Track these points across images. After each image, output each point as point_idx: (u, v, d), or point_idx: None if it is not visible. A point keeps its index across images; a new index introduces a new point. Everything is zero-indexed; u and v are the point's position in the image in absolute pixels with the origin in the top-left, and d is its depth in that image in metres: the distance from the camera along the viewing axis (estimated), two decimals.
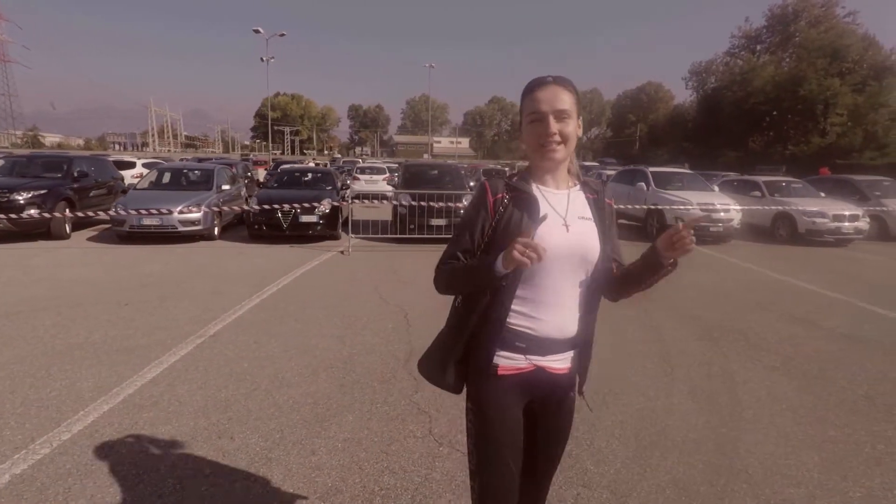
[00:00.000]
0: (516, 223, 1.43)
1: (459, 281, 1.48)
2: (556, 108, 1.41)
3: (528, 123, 1.46)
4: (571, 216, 1.49)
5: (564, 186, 1.54)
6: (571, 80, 1.48)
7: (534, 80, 1.48)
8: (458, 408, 3.49)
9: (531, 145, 1.47)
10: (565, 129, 1.43)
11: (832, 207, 11.85)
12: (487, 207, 1.47)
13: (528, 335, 1.47)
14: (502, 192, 1.49)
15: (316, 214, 10.16)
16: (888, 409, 3.63)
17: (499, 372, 1.48)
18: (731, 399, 3.75)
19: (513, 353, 1.48)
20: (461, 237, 1.51)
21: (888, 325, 5.67)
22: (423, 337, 4.87)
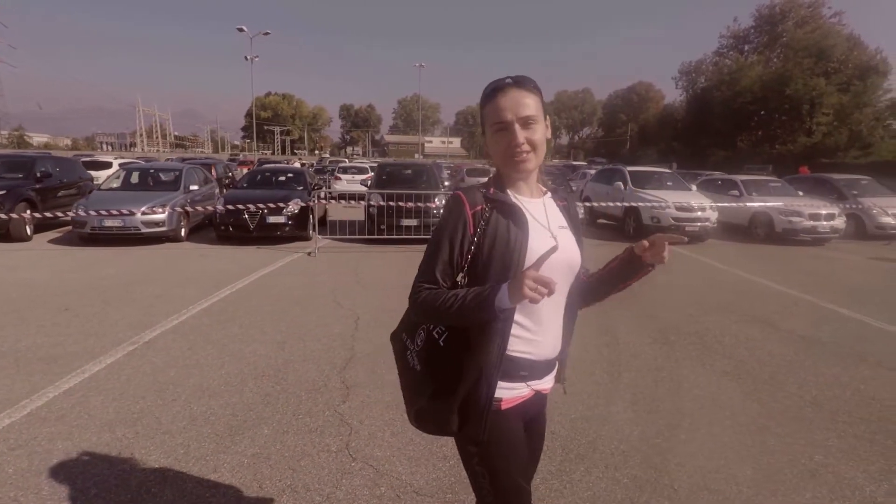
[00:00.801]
0: (503, 235, 1.32)
1: (452, 315, 1.29)
2: (520, 114, 1.31)
3: (493, 133, 1.35)
4: (553, 226, 1.42)
5: (538, 194, 1.47)
6: (533, 80, 1.37)
7: (492, 85, 1.37)
8: (382, 419, 3.33)
9: (499, 156, 1.37)
10: (533, 137, 1.33)
11: (808, 207, 11.77)
12: (466, 222, 1.33)
13: (529, 361, 1.38)
14: (481, 203, 1.35)
15: (284, 215, 9.96)
16: (833, 416, 3.49)
17: (503, 406, 1.37)
18: (673, 407, 3.60)
19: (515, 383, 1.38)
20: (438, 256, 1.34)
21: (848, 327, 5.55)
22: (367, 342, 4.72)
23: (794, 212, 11.66)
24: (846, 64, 38.70)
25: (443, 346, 1.37)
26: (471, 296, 1.26)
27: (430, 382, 1.39)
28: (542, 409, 1.53)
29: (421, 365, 1.41)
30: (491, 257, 1.31)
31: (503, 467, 1.37)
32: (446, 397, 1.35)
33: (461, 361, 1.33)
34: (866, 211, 12.52)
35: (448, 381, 1.35)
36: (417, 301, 1.34)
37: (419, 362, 1.42)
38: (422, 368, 1.41)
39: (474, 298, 1.25)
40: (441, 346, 1.37)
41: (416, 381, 1.43)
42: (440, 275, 1.34)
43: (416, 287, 1.36)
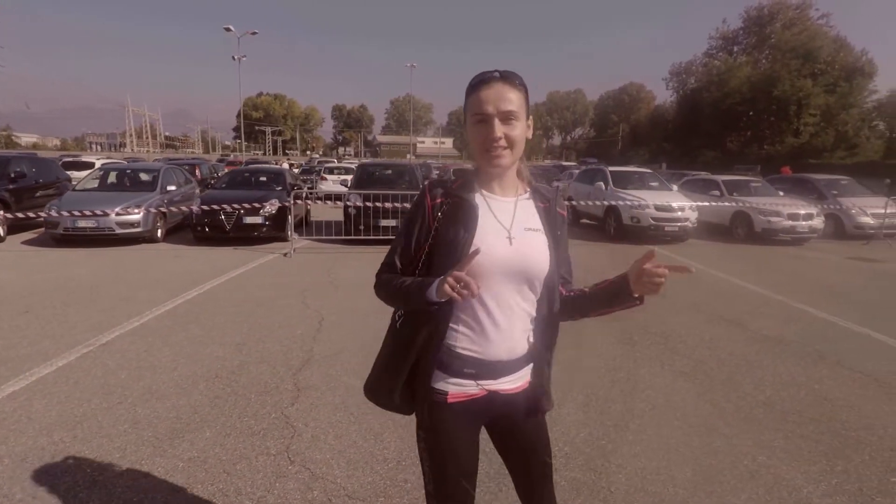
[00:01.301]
0: (453, 232, 1.34)
1: (396, 299, 1.41)
2: (501, 109, 1.30)
3: (473, 124, 1.34)
4: (517, 228, 1.38)
5: (512, 193, 1.43)
6: (520, 76, 1.36)
7: (478, 76, 1.36)
8: (328, 421, 3.30)
9: (475, 148, 1.36)
10: (511, 133, 1.32)
11: (788, 206, 11.83)
12: (425, 212, 1.38)
13: (477, 360, 1.37)
14: (441, 196, 1.39)
15: (261, 216, 9.89)
16: (784, 416, 3.49)
17: (448, 399, 1.39)
18: (624, 408, 3.59)
19: (462, 380, 1.39)
20: (398, 243, 1.43)
21: (815, 327, 5.57)
22: (328, 344, 4.68)
23: (773, 212, 11.72)
24: (832, 65, 39.08)
25: (398, 329, 1.46)
26: (413, 285, 1.33)
27: (382, 359, 1.50)
28: (514, 406, 1.46)
29: (385, 341, 1.52)
30: (441, 250, 1.35)
31: (441, 457, 1.41)
32: (391, 374, 1.45)
33: (405, 344, 1.41)
34: (845, 211, 12.60)
35: (395, 359, 1.44)
36: (377, 283, 1.44)
37: (386, 339, 1.52)
38: (384, 344, 1.52)
39: (414, 288, 1.32)
40: (397, 327, 1.46)
41: (379, 356, 1.53)
42: (399, 260, 1.41)
43: (379, 270, 1.46)
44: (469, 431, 1.44)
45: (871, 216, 12.29)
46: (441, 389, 1.38)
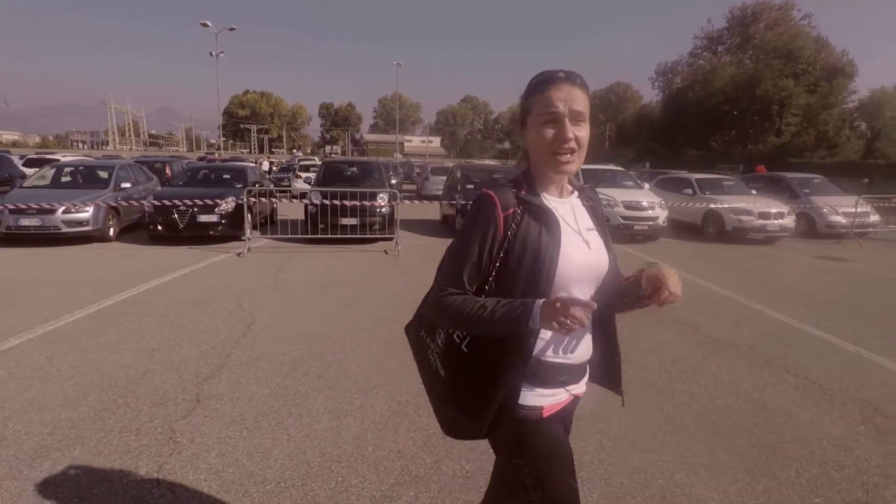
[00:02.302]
0: (534, 241, 1.26)
1: (480, 327, 1.24)
2: (572, 108, 1.25)
3: (541, 125, 1.26)
4: (583, 230, 1.36)
5: (566, 194, 1.40)
6: (582, 76, 1.29)
7: (545, 75, 1.29)
8: (216, 437, 3.01)
9: (541, 151, 1.28)
10: (580, 135, 1.26)
11: (759, 205, 11.70)
12: (497, 224, 1.27)
13: (566, 366, 1.34)
14: (514, 205, 1.28)
15: (216, 214, 9.55)
16: (714, 428, 3.26)
17: (544, 414, 1.32)
18: None
19: (555, 389, 1.34)
20: (466, 259, 1.28)
21: (769, 329, 5.37)
22: (248, 349, 4.39)
23: (743, 210, 11.58)
24: (814, 65, 39.31)
25: (466, 353, 1.32)
26: (501, 311, 1.20)
27: (459, 391, 1.34)
28: (572, 414, 1.50)
29: (446, 371, 1.37)
30: (521, 263, 1.26)
31: (554, 476, 1.32)
32: (480, 409, 1.30)
33: (491, 370, 1.27)
34: (817, 210, 12.51)
35: (478, 390, 1.29)
36: (442, 306, 1.28)
37: (443, 367, 1.37)
38: (447, 375, 1.36)
39: (505, 315, 1.19)
40: (465, 351, 1.32)
41: (443, 389, 1.39)
42: (467, 279, 1.28)
43: (442, 289, 1.30)
44: (563, 437, 1.39)
45: (842, 215, 12.19)
46: (534, 406, 1.31)
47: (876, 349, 4.77)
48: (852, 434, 3.23)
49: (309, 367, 4.06)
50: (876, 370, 4.31)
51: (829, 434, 3.21)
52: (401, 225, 13.26)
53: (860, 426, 3.33)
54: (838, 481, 2.73)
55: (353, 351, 4.44)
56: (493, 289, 1.29)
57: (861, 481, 2.74)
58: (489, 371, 1.28)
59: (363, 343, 4.64)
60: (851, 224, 11.95)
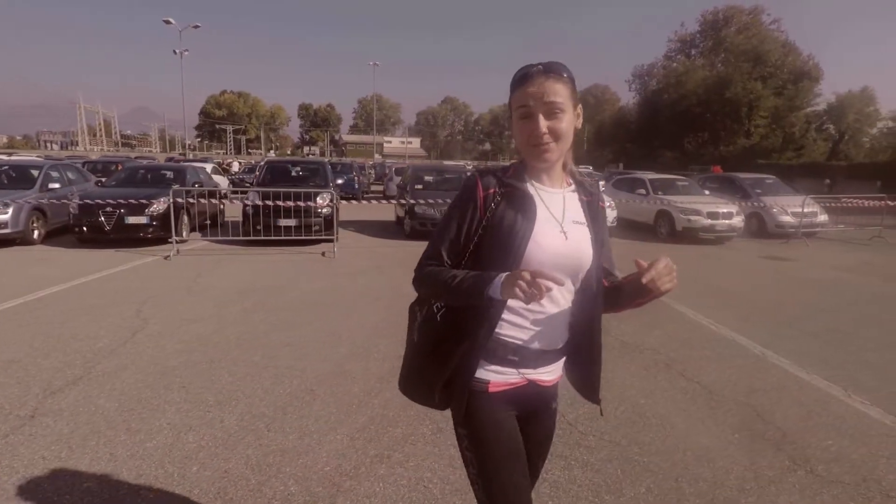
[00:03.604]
0: (509, 223, 1.30)
1: (445, 293, 1.32)
2: (546, 100, 1.27)
3: (517, 119, 1.32)
4: (567, 221, 1.37)
5: (560, 185, 1.42)
6: (566, 66, 1.31)
7: (521, 71, 1.32)
8: (31, 458, 2.73)
9: (521, 143, 1.34)
10: (557, 126, 1.29)
11: (708, 205, 11.69)
12: (477, 203, 1.33)
13: (520, 348, 1.35)
14: (494, 187, 1.35)
15: (147, 215, 9.19)
16: (580, 440, 3.07)
17: (489, 389, 1.35)
18: (399, 435, 3.13)
19: (504, 367, 1.35)
20: (446, 234, 1.36)
21: (683, 331, 5.25)
22: (120, 359, 4.11)
23: (693, 210, 11.56)
24: (781, 69, 39.95)
25: (439, 322, 1.38)
26: (468, 280, 1.26)
27: (421, 354, 1.42)
28: (547, 404, 1.48)
29: (418, 336, 1.44)
30: (494, 242, 1.30)
31: (487, 449, 1.33)
32: (434, 371, 1.37)
33: (452, 339, 1.33)
34: (767, 210, 12.55)
35: (438, 356, 1.36)
36: (420, 276, 1.36)
37: (418, 334, 1.45)
38: (418, 339, 1.44)
39: (471, 283, 1.25)
40: (438, 321, 1.38)
41: (411, 351, 1.47)
42: (446, 253, 1.35)
43: (422, 262, 1.37)
44: (511, 419, 1.39)
45: (791, 215, 12.25)
46: (482, 378, 1.34)
47: (784, 351, 4.66)
48: (723, 443, 3.07)
49: (175, 378, 3.80)
50: (775, 373, 4.19)
51: (697, 444, 3.06)
52: (354, 226, 13.07)
53: (735, 434, 3.18)
54: (688, 496, 2.57)
55: (233, 360, 4.19)
56: (468, 264, 1.34)
57: (712, 496, 2.57)
58: (452, 339, 1.33)
59: (249, 350, 4.39)
60: (799, 224, 12.00)
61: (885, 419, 3.41)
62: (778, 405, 3.59)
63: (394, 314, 5.33)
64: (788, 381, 4.03)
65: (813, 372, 4.20)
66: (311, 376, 3.90)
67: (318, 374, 3.95)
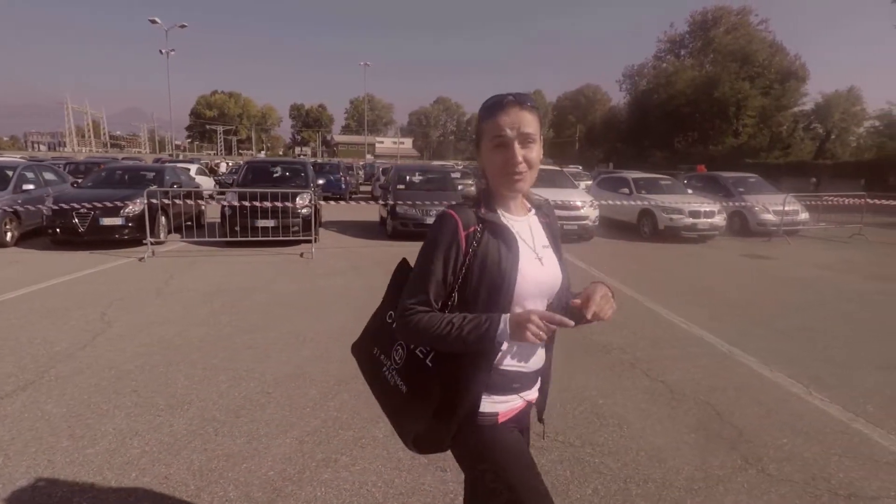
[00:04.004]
0: (493, 258, 1.30)
1: (447, 345, 1.27)
2: (521, 132, 1.30)
3: (492, 149, 1.33)
4: (538, 247, 1.40)
5: (523, 212, 1.45)
6: (532, 98, 1.35)
7: (494, 100, 1.35)
8: None
9: (494, 172, 1.35)
10: (530, 156, 1.32)
11: (690, 204, 11.71)
12: (459, 243, 1.31)
13: (520, 373, 1.39)
14: (474, 224, 1.33)
15: (122, 216, 9.08)
16: (532, 442, 3.02)
17: (499, 420, 1.37)
18: (346, 441, 3.08)
19: (509, 396, 1.38)
20: (431, 276, 1.31)
21: (653, 329, 5.22)
22: (76, 363, 4.05)
23: (675, 209, 11.57)
24: (769, 69, 40.21)
25: (430, 366, 1.34)
26: (468, 326, 1.24)
27: (423, 405, 1.34)
28: (528, 419, 1.53)
29: (407, 386, 1.38)
30: (482, 280, 1.30)
31: (521, 476, 1.34)
32: (446, 420, 1.31)
33: (455, 383, 1.30)
34: (749, 208, 12.60)
35: (444, 402, 1.31)
36: (409, 323, 1.30)
37: (404, 382, 1.38)
38: (409, 390, 1.37)
39: (473, 330, 1.23)
40: (428, 365, 1.34)
41: (406, 404, 1.39)
42: (433, 296, 1.31)
43: (408, 308, 1.31)
44: (521, 440, 1.42)
45: (773, 213, 12.30)
46: (490, 412, 1.34)
47: (751, 349, 4.65)
48: (677, 443, 3.04)
49: (129, 382, 3.73)
50: (740, 372, 4.17)
51: (651, 444, 3.02)
52: (338, 227, 13.00)
53: (690, 434, 3.16)
54: (634, 497, 2.53)
55: (192, 363, 4.12)
56: (455, 304, 1.33)
57: (658, 497, 2.54)
58: (454, 383, 1.30)
59: (209, 353, 4.32)
60: (781, 222, 12.05)
61: (843, 416, 3.40)
62: (737, 404, 3.57)
63: (364, 316, 5.19)
64: (752, 380, 4.01)
65: (777, 370, 4.19)
66: (270, 379, 3.84)
67: (276, 376, 3.89)
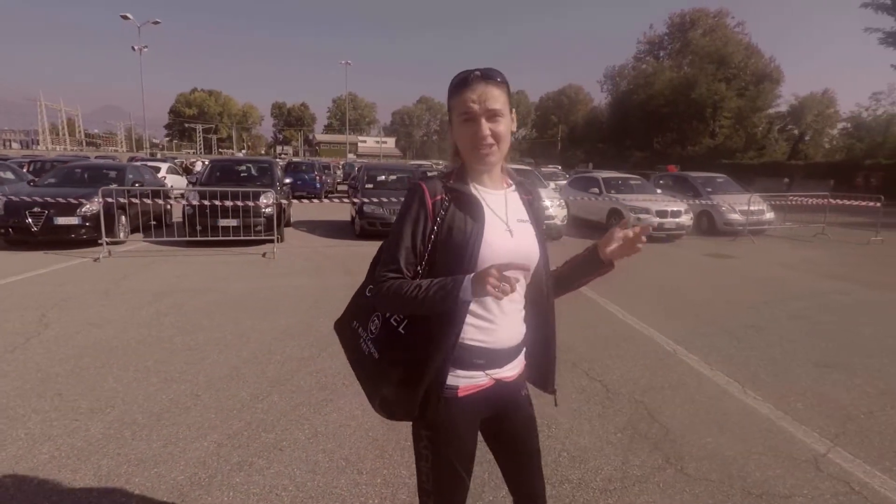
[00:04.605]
0: (459, 227, 1.33)
1: (416, 306, 1.30)
2: (487, 107, 1.32)
3: (460, 124, 1.36)
4: (512, 220, 1.42)
5: (501, 186, 1.47)
6: (501, 72, 1.37)
7: (460, 77, 1.37)
8: None
9: (464, 146, 1.39)
10: (498, 129, 1.34)
11: (657, 204, 11.81)
12: (427, 211, 1.35)
13: (485, 349, 1.39)
14: (441, 193, 1.37)
15: (78, 215, 8.86)
16: None
17: (459, 394, 1.38)
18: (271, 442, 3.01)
19: (471, 371, 1.39)
20: (401, 244, 1.35)
21: (601, 330, 5.24)
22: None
23: (642, 209, 11.66)
24: (744, 70, 40.85)
25: (403, 334, 1.37)
26: (434, 287, 1.27)
27: (393, 370, 1.38)
28: (515, 395, 1.51)
29: (379, 352, 1.41)
30: (448, 247, 1.33)
31: (446, 453, 1.40)
32: (413, 384, 1.34)
33: (424, 348, 1.33)
34: (716, 208, 12.75)
35: (412, 368, 1.34)
36: (381, 290, 1.34)
37: (377, 349, 1.42)
38: (381, 356, 1.41)
39: (439, 290, 1.26)
40: (401, 333, 1.37)
41: (377, 369, 1.42)
42: (404, 264, 1.34)
43: (380, 276, 1.35)
44: (474, 424, 1.45)
45: (739, 213, 12.46)
46: (451, 385, 1.36)
47: (695, 348, 4.69)
48: (602, 443, 3.03)
49: (53, 385, 3.62)
50: (679, 370, 4.20)
51: (576, 445, 3.01)
52: (308, 226, 12.88)
53: (617, 434, 3.15)
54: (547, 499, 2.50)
55: (124, 365, 4.01)
56: (425, 272, 1.35)
57: (572, 498, 2.53)
58: (422, 349, 1.32)
59: (144, 355, 4.22)
60: (747, 222, 12.21)
61: (772, 414, 3.43)
62: (671, 403, 3.58)
63: (311, 316, 5.19)
64: (689, 378, 4.03)
65: (717, 368, 4.22)
66: (202, 381, 3.76)
67: (209, 378, 3.80)
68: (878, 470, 2.80)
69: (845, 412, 3.48)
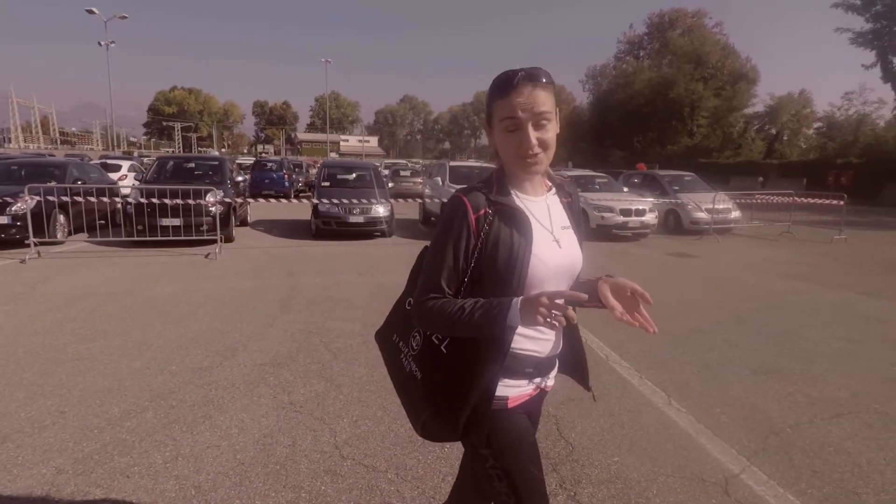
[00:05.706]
0: (506, 242, 1.25)
1: (459, 330, 1.22)
2: (535, 112, 1.22)
3: (504, 131, 1.25)
4: (556, 228, 1.35)
5: (541, 191, 1.39)
6: (547, 72, 1.25)
7: (504, 77, 1.24)
8: None
9: (508, 155, 1.29)
10: (545, 136, 1.25)
11: (622, 202, 11.62)
12: (470, 227, 1.25)
13: (534, 358, 1.35)
14: (484, 207, 1.27)
15: (8, 215, 8.38)
16: (343, 462, 2.69)
17: (509, 405, 1.33)
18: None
19: (520, 381, 1.35)
20: (443, 263, 1.27)
21: None
22: None
23: (606, 207, 11.47)
24: (721, 70, 41.08)
25: (446, 353, 1.31)
26: (479, 312, 1.20)
27: (437, 391, 1.32)
28: (539, 409, 1.52)
29: (422, 372, 1.36)
30: (494, 264, 1.26)
31: (519, 464, 1.33)
32: (458, 407, 1.27)
33: (468, 369, 1.27)
34: (683, 206, 12.61)
35: (456, 389, 1.28)
36: (423, 311, 1.28)
37: (419, 369, 1.37)
38: (424, 376, 1.35)
39: (483, 315, 1.19)
40: (444, 352, 1.32)
41: (420, 390, 1.36)
42: (445, 283, 1.28)
43: (422, 295, 1.28)
44: (529, 427, 1.39)
45: (705, 212, 12.33)
46: (500, 396, 1.30)
47: (629, 354, 4.43)
48: None
49: None
50: (606, 379, 3.93)
51: None
52: (265, 226, 12.49)
53: None
54: None
55: (14, 370, 3.64)
56: (469, 290, 1.28)
57: None
58: (467, 370, 1.26)
59: (26, 365, 3.83)
60: (712, 220, 12.08)
61: (691, 429, 3.17)
62: (587, 416, 3.30)
63: (227, 322, 4.85)
64: (614, 389, 3.76)
65: (647, 377, 3.97)
66: (75, 395, 3.40)
67: (84, 392, 3.45)
68: (792, 493, 2.54)
69: (770, 425, 3.24)
